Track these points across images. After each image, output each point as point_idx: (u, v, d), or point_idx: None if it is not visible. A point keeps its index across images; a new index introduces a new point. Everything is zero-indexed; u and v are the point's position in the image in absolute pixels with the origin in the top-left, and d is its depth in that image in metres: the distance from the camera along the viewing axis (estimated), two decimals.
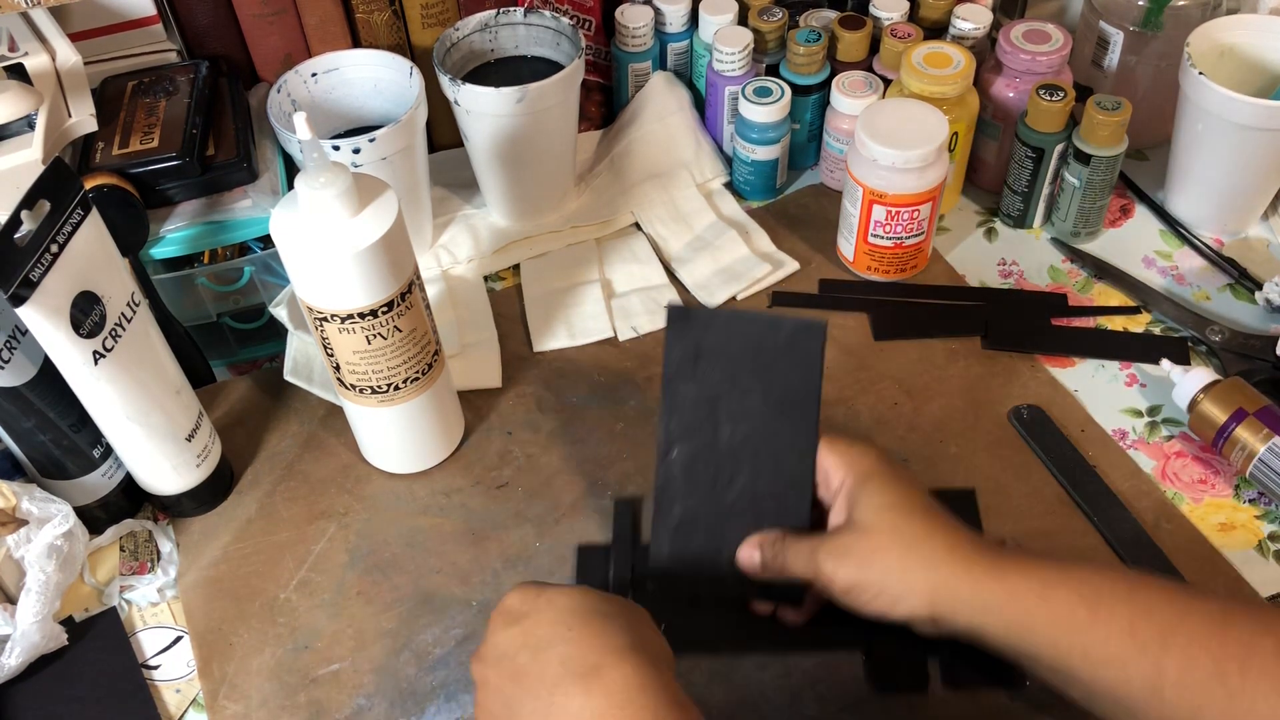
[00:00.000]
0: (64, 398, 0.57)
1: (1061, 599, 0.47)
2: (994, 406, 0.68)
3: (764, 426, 0.55)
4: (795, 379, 0.54)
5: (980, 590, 0.48)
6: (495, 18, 0.77)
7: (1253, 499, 0.64)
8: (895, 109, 0.71)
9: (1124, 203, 0.83)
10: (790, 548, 0.53)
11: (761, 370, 0.55)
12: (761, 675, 0.56)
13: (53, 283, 0.52)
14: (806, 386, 0.54)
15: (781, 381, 0.54)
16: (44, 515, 0.59)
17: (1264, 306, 0.73)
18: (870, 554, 0.50)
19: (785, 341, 0.54)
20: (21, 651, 0.56)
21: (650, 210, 0.81)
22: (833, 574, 0.51)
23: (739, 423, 0.55)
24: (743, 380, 0.55)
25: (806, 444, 0.54)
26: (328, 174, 0.52)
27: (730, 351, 0.55)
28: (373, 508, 0.65)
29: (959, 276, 0.77)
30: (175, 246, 0.67)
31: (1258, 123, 0.71)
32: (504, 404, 0.70)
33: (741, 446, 0.55)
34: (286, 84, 0.72)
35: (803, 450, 0.54)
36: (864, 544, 0.51)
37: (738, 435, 0.55)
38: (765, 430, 0.55)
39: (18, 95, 0.61)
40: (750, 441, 0.55)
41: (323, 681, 0.58)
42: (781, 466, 0.54)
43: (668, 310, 0.55)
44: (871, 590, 0.50)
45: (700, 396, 0.55)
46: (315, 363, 0.71)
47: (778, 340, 0.54)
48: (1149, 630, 0.45)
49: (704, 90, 0.85)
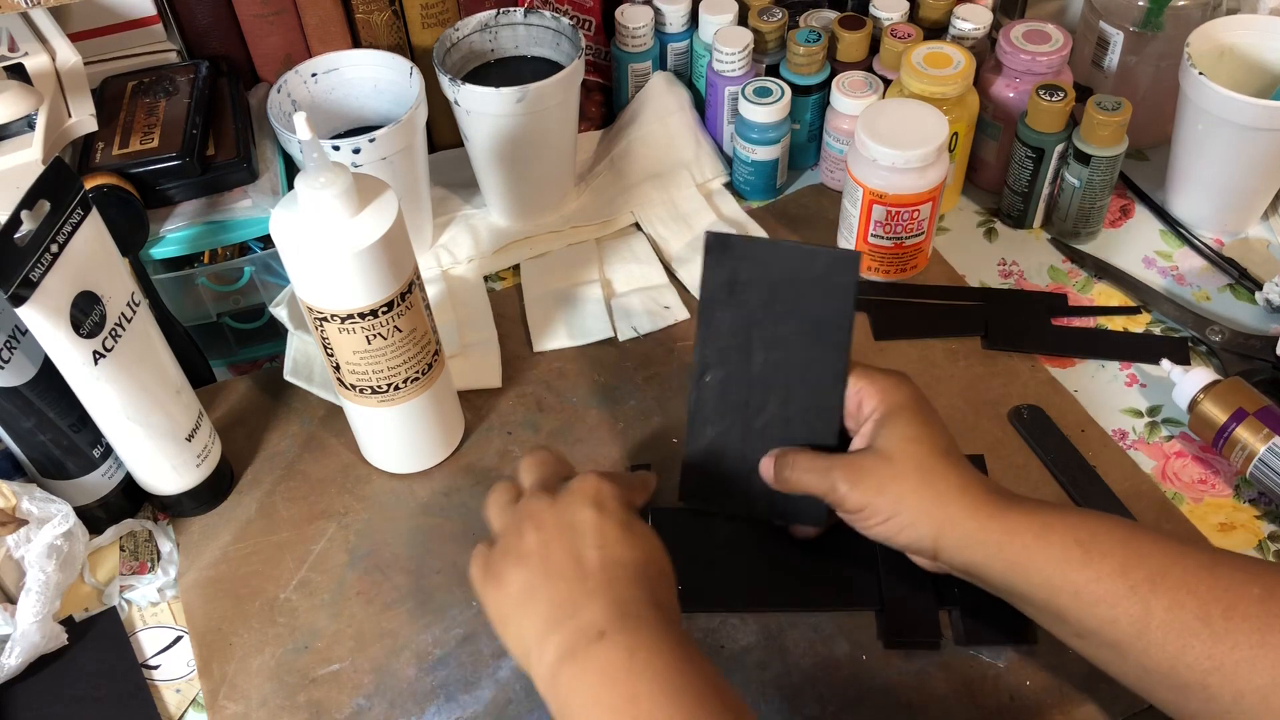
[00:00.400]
0: (64, 398, 0.57)
1: (1058, 539, 0.49)
2: (994, 406, 0.68)
3: (797, 353, 0.56)
4: (829, 308, 0.56)
5: (983, 529, 0.50)
6: (495, 18, 0.77)
7: (1253, 499, 0.64)
8: (895, 109, 0.71)
9: (1124, 203, 0.83)
10: (808, 461, 0.55)
11: (796, 298, 0.56)
12: (762, 675, 0.56)
13: (53, 283, 0.52)
14: (840, 315, 0.56)
15: (816, 310, 0.56)
16: (44, 515, 0.59)
17: (1264, 306, 0.73)
18: (887, 480, 0.52)
19: (821, 271, 0.56)
20: (21, 651, 0.56)
21: (650, 210, 0.81)
22: (846, 493, 0.53)
23: (772, 349, 0.57)
24: (777, 307, 0.56)
25: (837, 371, 0.56)
26: (328, 174, 0.52)
27: (766, 279, 0.56)
28: (373, 508, 0.65)
29: (959, 276, 0.77)
30: (175, 246, 0.67)
31: (1258, 123, 0.71)
32: (504, 404, 0.70)
33: (774, 372, 0.57)
34: (286, 84, 0.72)
35: (834, 377, 0.56)
36: (883, 469, 0.52)
37: (771, 361, 0.57)
38: (798, 357, 0.56)
39: (18, 95, 0.61)
40: (782, 368, 0.57)
41: (323, 682, 0.58)
42: (812, 392, 0.56)
43: (706, 236, 0.57)
44: (881, 515, 0.52)
45: (735, 323, 0.57)
46: (315, 363, 0.71)
47: (814, 270, 0.56)
48: (1139, 573, 0.47)
49: (704, 90, 0.85)
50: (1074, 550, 0.48)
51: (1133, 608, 0.46)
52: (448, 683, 0.57)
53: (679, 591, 0.55)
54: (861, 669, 0.56)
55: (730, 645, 0.58)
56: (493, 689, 0.57)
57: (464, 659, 0.58)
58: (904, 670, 0.56)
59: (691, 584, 0.59)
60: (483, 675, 0.57)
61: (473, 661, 0.58)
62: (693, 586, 0.59)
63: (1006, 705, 0.55)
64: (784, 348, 0.57)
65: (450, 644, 0.59)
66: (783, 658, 0.57)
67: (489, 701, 0.56)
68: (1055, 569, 0.48)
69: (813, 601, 0.59)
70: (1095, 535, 0.48)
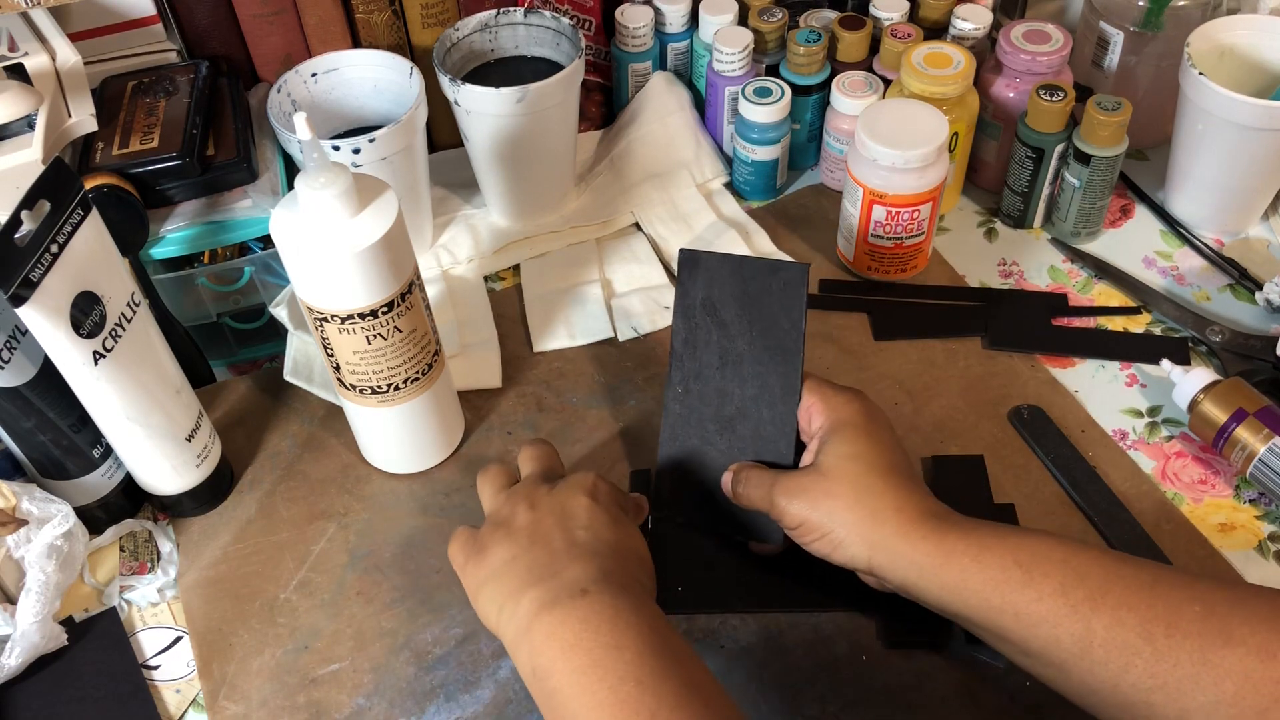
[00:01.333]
0: (64, 398, 0.57)
1: (996, 561, 0.48)
2: (994, 406, 0.68)
3: (759, 369, 0.58)
4: (784, 321, 0.57)
5: (916, 551, 0.50)
6: (495, 18, 0.77)
7: (1253, 499, 0.64)
8: (895, 109, 0.71)
9: (1124, 203, 0.83)
10: (756, 476, 0.55)
11: (759, 313, 0.57)
12: (762, 675, 0.56)
13: (53, 283, 0.52)
14: (791, 328, 0.57)
15: (776, 324, 0.57)
16: (44, 515, 0.59)
17: (1264, 306, 0.73)
18: (821, 497, 0.52)
19: (778, 285, 0.57)
20: (21, 651, 0.56)
21: (650, 210, 0.81)
22: (784, 508, 0.53)
23: (738, 365, 0.58)
24: (743, 323, 0.58)
25: (792, 385, 0.57)
26: (328, 174, 0.52)
27: (733, 295, 0.58)
28: (373, 508, 0.65)
29: (959, 276, 0.77)
30: (175, 246, 0.67)
31: (1258, 123, 0.71)
32: (504, 404, 0.70)
33: (740, 387, 0.58)
34: (286, 84, 0.72)
35: (790, 392, 0.57)
36: (818, 486, 0.52)
37: (737, 376, 0.58)
38: (760, 372, 0.58)
39: (18, 95, 0.61)
40: (748, 383, 0.58)
41: (322, 681, 0.58)
42: (772, 408, 0.57)
43: (679, 253, 0.59)
44: (816, 531, 0.52)
45: (706, 339, 0.58)
46: (315, 363, 0.71)
47: (771, 283, 0.57)
48: (1080, 592, 0.46)
49: (704, 90, 0.85)
50: (1014, 571, 0.47)
51: (1074, 627, 0.46)
52: (447, 682, 0.57)
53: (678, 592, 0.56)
54: (861, 669, 0.56)
55: (730, 645, 0.58)
56: (493, 689, 0.57)
57: (464, 658, 0.58)
58: (904, 670, 0.56)
59: (692, 584, 0.59)
60: (482, 675, 0.57)
61: (472, 661, 0.58)
62: (693, 587, 0.59)
63: (1006, 705, 0.55)
64: (748, 363, 0.58)
65: (450, 643, 0.59)
66: (783, 658, 0.57)
67: (489, 701, 0.56)
68: (994, 590, 0.48)
69: (813, 602, 0.59)
70: (1035, 555, 0.48)
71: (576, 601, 0.46)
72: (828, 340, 0.73)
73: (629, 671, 0.43)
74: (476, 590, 0.51)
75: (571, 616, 0.45)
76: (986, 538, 0.49)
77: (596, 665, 0.44)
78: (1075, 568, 0.47)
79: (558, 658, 0.45)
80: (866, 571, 0.52)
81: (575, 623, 0.45)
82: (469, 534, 0.53)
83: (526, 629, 0.46)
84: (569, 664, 0.44)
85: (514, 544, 0.50)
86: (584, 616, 0.45)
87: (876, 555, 0.51)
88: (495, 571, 0.50)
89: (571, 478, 0.54)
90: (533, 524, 0.51)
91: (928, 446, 0.66)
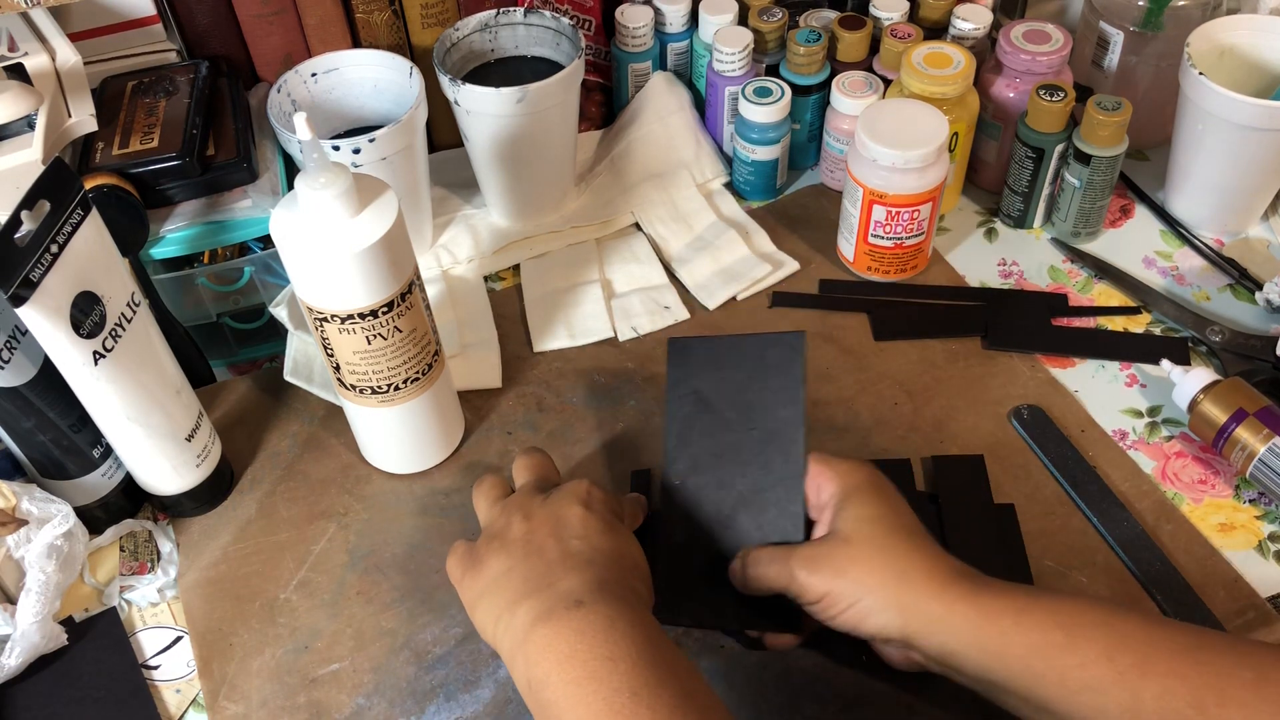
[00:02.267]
0: (64, 398, 0.57)
1: (1037, 623, 0.46)
2: (994, 406, 0.68)
3: (759, 450, 0.55)
4: (782, 396, 0.55)
5: (953, 611, 0.47)
6: (495, 18, 0.77)
7: (1253, 499, 0.64)
8: (895, 109, 0.71)
9: (1124, 203, 0.83)
10: (768, 554, 0.52)
11: (755, 393, 0.56)
12: (762, 675, 0.56)
13: (53, 283, 0.52)
14: (791, 403, 0.55)
15: (772, 404, 0.55)
16: (44, 515, 0.59)
17: (1264, 307, 0.73)
18: (846, 564, 0.49)
19: (772, 361, 0.55)
20: (21, 651, 0.56)
21: (650, 210, 0.81)
22: (805, 582, 0.50)
23: (738, 451, 0.56)
24: (739, 406, 0.56)
25: (795, 462, 0.54)
26: (328, 174, 0.52)
27: (726, 380, 0.56)
28: (373, 508, 0.65)
29: (959, 276, 0.77)
30: (175, 246, 0.67)
31: (1258, 123, 0.71)
32: (504, 404, 0.70)
33: (741, 473, 0.55)
34: (286, 84, 0.72)
35: (794, 469, 0.54)
36: (841, 553, 0.50)
37: (735, 462, 0.56)
38: (760, 454, 0.55)
39: (18, 95, 0.61)
40: (749, 467, 0.55)
41: (323, 681, 0.58)
42: (776, 489, 0.54)
43: (669, 343, 0.57)
44: (844, 601, 0.49)
45: (701, 428, 0.56)
46: (315, 363, 0.71)
47: (765, 360, 0.55)
48: (1126, 658, 0.44)
49: (704, 90, 0.85)
50: (1055, 634, 0.45)
51: (1121, 696, 0.44)
52: (447, 682, 0.57)
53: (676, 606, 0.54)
54: (862, 669, 0.56)
55: (730, 645, 0.57)
56: (493, 688, 0.57)
57: (464, 658, 0.58)
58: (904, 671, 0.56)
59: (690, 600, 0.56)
60: (482, 674, 0.57)
61: (472, 661, 0.58)
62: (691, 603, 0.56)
63: None
64: (747, 449, 0.55)
65: (450, 643, 0.59)
66: (783, 658, 0.57)
67: (489, 701, 0.56)
68: (1037, 655, 0.45)
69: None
70: (1076, 619, 0.46)
71: (571, 613, 0.46)
72: (828, 340, 0.73)
73: (624, 683, 0.43)
74: (474, 603, 0.51)
75: (566, 628, 0.45)
76: (1021, 599, 0.47)
77: (591, 677, 0.44)
78: (1117, 630, 0.45)
79: (553, 669, 0.44)
80: (900, 640, 0.49)
81: (570, 634, 0.45)
82: (466, 547, 0.53)
83: (522, 641, 0.46)
84: (564, 675, 0.44)
85: (509, 556, 0.50)
86: (579, 628, 0.45)
87: (911, 621, 0.48)
88: (491, 584, 0.50)
89: (565, 486, 0.53)
90: (527, 535, 0.51)
91: (928, 446, 0.66)
